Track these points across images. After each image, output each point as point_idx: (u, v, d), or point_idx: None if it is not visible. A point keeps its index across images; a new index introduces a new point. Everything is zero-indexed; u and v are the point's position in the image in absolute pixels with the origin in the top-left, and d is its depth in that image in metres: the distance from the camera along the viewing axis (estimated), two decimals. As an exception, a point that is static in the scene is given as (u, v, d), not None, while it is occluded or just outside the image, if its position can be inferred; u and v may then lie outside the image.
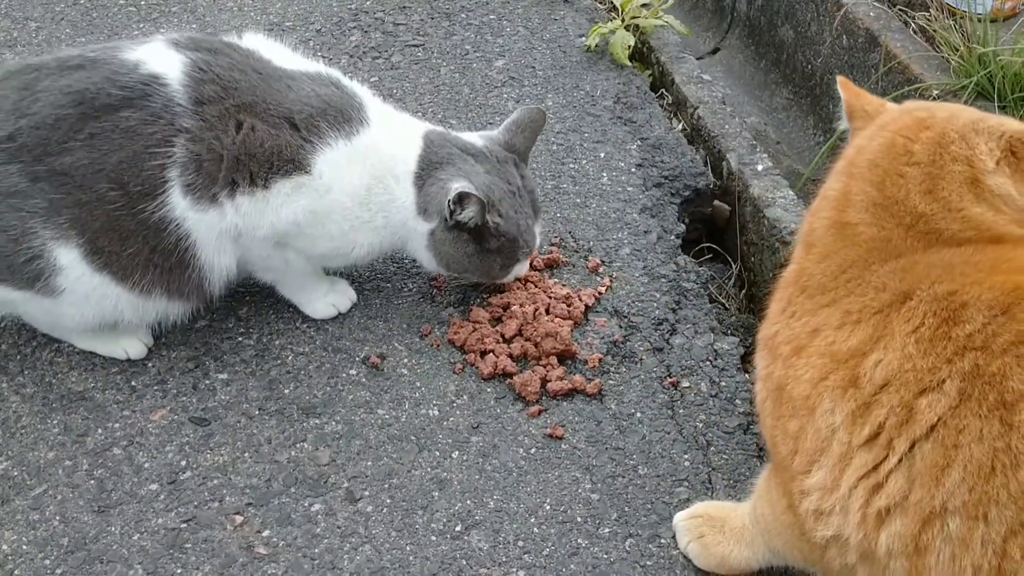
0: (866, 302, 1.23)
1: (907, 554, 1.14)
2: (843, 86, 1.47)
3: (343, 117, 1.74)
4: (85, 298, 1.70)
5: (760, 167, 2.23)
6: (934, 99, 2.28)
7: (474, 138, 1.90)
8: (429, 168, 1.79)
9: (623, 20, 2.65)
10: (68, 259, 1.65)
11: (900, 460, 1.14)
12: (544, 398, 1.81)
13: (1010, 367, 1.09)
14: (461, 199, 1.74)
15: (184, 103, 1.63)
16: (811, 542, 1.27)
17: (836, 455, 1.19)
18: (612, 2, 2.86)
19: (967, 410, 1.10)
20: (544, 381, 1.81)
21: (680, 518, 1.59)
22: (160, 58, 1.67)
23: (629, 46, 2.56)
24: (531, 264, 2.04)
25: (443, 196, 1.76)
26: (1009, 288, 1.15)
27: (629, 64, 2.58)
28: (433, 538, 1.59)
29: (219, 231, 1.70)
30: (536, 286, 1.98)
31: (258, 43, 1.80)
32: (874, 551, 1.17)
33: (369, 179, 1.77)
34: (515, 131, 1.93)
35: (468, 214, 1.76)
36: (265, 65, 1.74)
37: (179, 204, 1.65)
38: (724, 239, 2.32)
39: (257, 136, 1.66)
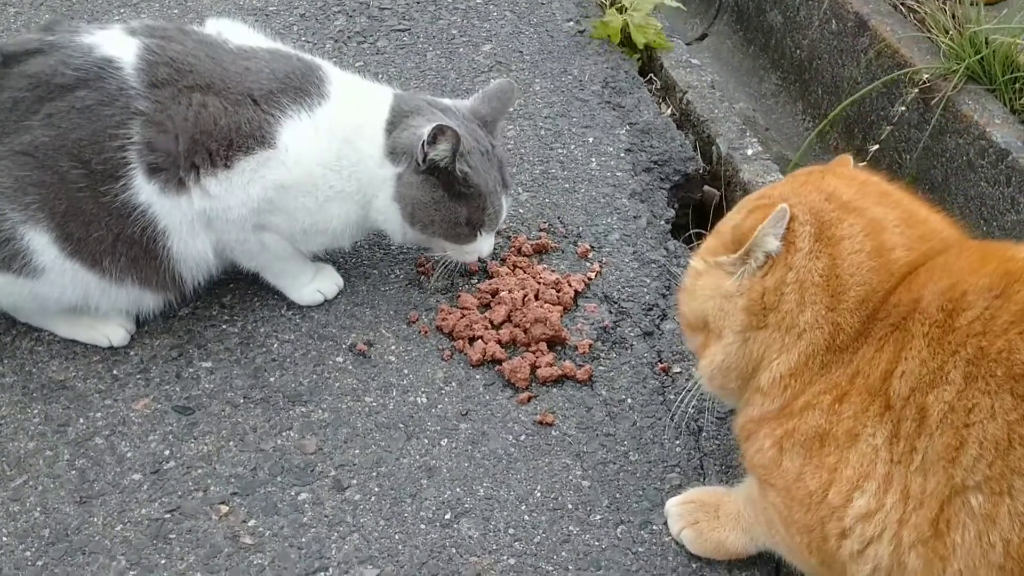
0: (888, 322, 1.23)
1: (923, 540, 1.13)
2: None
3: (303, 91, 1.73)
4: (62, 279, 1.68)
5: (750, 152, 2.21)
6: (924, 83, 2.27)
7: (443, 99, 1.90)
8: (400, 117, 1.79)
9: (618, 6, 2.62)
10: (40, 242, 1.64)
11: (922, 461, 1.14)
12: (534, 384, 1.78)
13: (1014, 343, 1.10)
14: (435, 135, 1.70)
15: (137, 86, 1.63)
16: None
17: (881, 476, 1.18)
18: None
19: (975, 390, 1.11)
20: (534, 367, 1.79)
21: (672, 504, 1.57)
22: (114, 42, 1.67)
23: (660, 29, 2.55)
24: (520, 249, 2.01)
25: (415, 139, 1.74)
26: (1001, 272, 1.18)
27: (667, 45, 2.56)
28: (422, 526, 1.57)
29: (191, 217, 1.68)
30: (525, 271, 1.96)
31: (220, 27, 1.80)
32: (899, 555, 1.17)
33: (338, 144, 1.75)
34: (483, 100, 1.91)
35: (441, 151, 1.72)
36: (219, 49, 1.73)
37: (144, 188, 1.64)
38: (713, 225, 2.30)
39: (209, 113, 1.64)
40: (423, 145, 1.71)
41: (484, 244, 1.87)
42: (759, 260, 1.31)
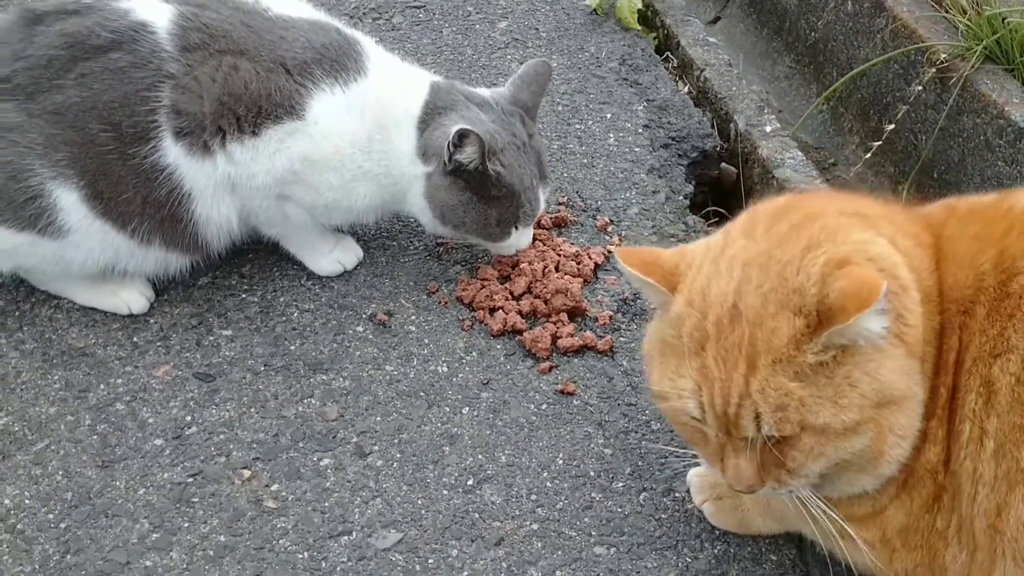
0: (957, 310, 1.14)
1: (991, 524, 1.10)
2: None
3: (339, 65, 1.71)
4: (89, 241, 1.69)
5: (768, 128, 2.21)
6: (942, 63, 2.27)
7: (481, 91, 1.86)
8: (433, 113, 1.76)
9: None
10: (68, 201, 1.65)
11: (995, 448, 1.08)
12: (555, 355, 1.78)
13: None
14: (461, 138, 1.68)
15: (170, 49, 1.64)
16: None
17: (952, 485, 1.13)
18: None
19: None
20: (555, 337, 1.79)
21: (693, 475, 1.56)
22: (149, 7, 1.68)
23: (636, 9, 2.53)
24: (539, 222, 2.01)
25: (443, 138, 1.71)
26: None
27: (637, 27, 2.55)
28: (445, 492, 1.57)
29: (215, 181, 1.69)
30: (544, 244, 1.96)
31: None
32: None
33: (370, 126, 1.74)
34: (521, 86, 1.87)
35: (467, 154, 1.69)
36: (255, 17, 1.72)
37: (172, 150, 1.65)
38: (730, 203, 2.30)
39: (240, 76, 1.64)
40: (449, 145, 1.69)
41: (522, 238, 1.85)
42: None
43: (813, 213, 1.19)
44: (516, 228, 1.82)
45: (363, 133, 1.74)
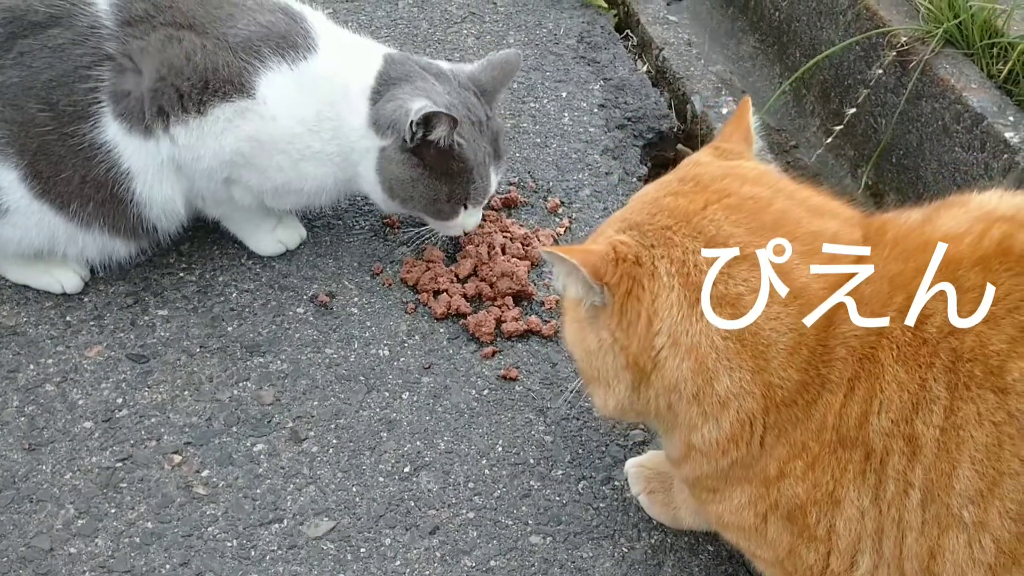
0: (854, 356, 1.06)
1: (923, 567, 1.06)
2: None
3: (287, 43, 1.65)
4: (28, 221, 1.64)
5: (725, 110, 2.18)
6: (903, 46, 2.24)
7: (440, 63, 1.80)
8: (387, 84, 1.69)
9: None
10: (7, 180, 1.60)
11: (921, 498, 1.04)
12: (498, 339, 1.75)
13: (984, 334, 1.00)
14: (428, 120, 1.61)
15: (110, 25, 1.57)
16: None
17: (870, 530, 1.09)
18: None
19: (959, 399, 1.01)
20: (499, 322, 1.76)
21: (630, 465, 1.53)
22: None
23: None
24: (489, 203, 1.97)
25: (401, 114, 1.64)
26: (944, 264, 1.04)
27: (598, 4, 2.50)
28: (381, 479, 1.54)
29: (158, 161, 1.63)
30: (492, 225, 1.92)
31: None
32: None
33: (319, 104, 1.67)
34: (485, 68, 1.80)
35: (439, 133, 1.64)
36: None
37: (110, 128, 1.59)
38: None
39: (183, 48, 1.57)
40: (411, 125, 1.62)
41: (469, 219, 1.79)
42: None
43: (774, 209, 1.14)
44: (465, 207, 1.77)
45: (312, 112, 1.67)
